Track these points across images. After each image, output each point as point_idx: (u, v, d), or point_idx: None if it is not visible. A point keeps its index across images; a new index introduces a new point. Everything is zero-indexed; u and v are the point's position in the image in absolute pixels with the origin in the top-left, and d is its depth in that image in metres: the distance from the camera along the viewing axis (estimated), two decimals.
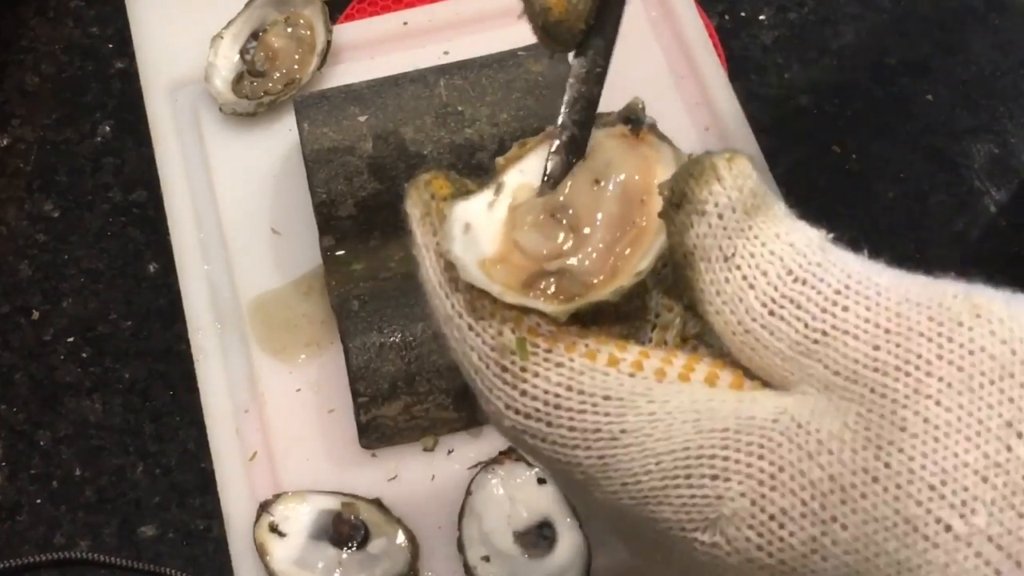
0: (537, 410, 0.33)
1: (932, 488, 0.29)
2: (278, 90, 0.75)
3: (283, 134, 0.74)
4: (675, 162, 0.36)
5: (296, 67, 0.76)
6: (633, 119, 0.38)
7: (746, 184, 0.33)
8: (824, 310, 0.32)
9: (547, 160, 0.37)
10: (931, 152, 0.78)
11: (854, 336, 0.31)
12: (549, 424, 0.33)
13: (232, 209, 0.73)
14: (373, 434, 0.65)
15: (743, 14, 0.83)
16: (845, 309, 0.32)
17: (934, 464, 0.29)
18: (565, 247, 0.36)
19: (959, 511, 0.29)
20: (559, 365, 0.33)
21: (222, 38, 0.76)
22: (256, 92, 0.75)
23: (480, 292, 0.35)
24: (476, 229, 0.36)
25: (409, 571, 0.61)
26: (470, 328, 0.34)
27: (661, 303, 0.36)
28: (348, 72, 0.76)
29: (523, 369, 0.33)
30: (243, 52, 0.76)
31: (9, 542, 0.65)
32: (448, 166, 0.68)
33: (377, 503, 0.63)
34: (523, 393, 0.33)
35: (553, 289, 0.35)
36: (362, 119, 0.68)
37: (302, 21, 0.77)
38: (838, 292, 0.32)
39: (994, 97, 0.80)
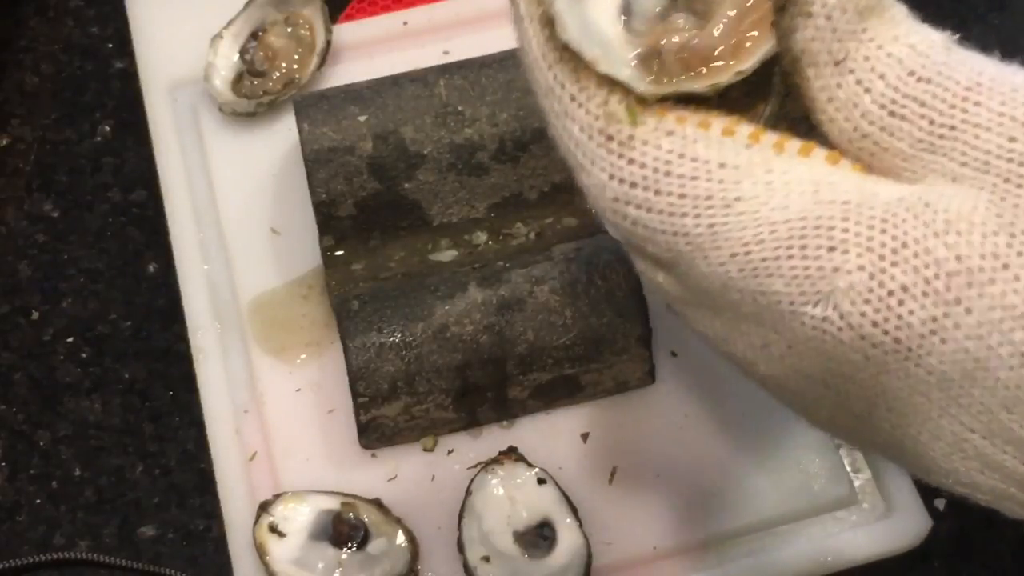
0: (645, 177, 0.31)
1: None
2: (278, 90, 0.75)
3: (283, 134, 0.74)
4: None
5: (296, 67, 0.76)
6: None
7: None
8: (953, 106, 0.31)
9: None
10: None
11: (986, 128, 0.30)
12: (657, 192, 0.31)
13: (232, 209, 0.73)
14: (373, 434, 0.65)
15: None
16: (977, 104, 0.30)
17: None
18: (683, 27, 0.34)
19: None
20: (670, 133, 0.31)
21: (222, 38, 0.76)
22: (256, 92, 0.75)
23: (585, 61, 0.32)
24: None
25: (409, 571, 0.61)
26: (572, 99, 0.32)
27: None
28: (348, 72, 0.76)
29: (631, 137, 0.31)
30: (243, 52, 0.76)
31: (8, 542, 0.65)
32: (448, 166, 0.68)
33: (377, 503, 0.63)
34: (630, 161, 0.31)
35: (657, 68, 0.33)
36: (362, 119, 0.68)
37: (302, 21, 0.77)
38: (968, 88, 0.31)
39: None
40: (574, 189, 0.74)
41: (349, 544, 0.62)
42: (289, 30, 0.77)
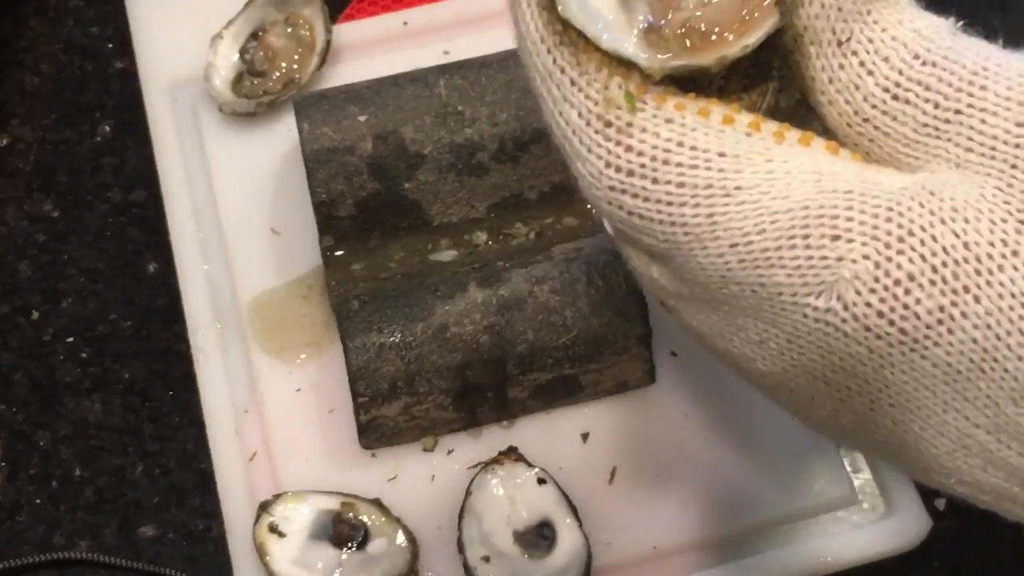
0: (643, 166, 0.31)
1: None
2: (278, 90, 0.75)
3: (283, 134, 0.74)
4: None
5: (296, 67, 0.76)
6: None
7: None
8: (959, 90, 0.30)
9: None
10: None
11: (993, 113, 0.30)
12: (655, 180, 0.30)
13: (232, 209, 0.73)
14: (373, 434, 0.65)
15: None
16: (983, 88, 0.30)
17: None
18: (689, 2, 0.33)
19: None
20: (669, 121, 0.31)
21: (222, 38, 0.76)
22: (256, 92, 0.75)
23: (587, 44, 0.32)
24: None
25: (409, 571, 0.61)
26: (572, 83, 0.32)
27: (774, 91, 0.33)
28: (348, 72, 0.76)
29: (629, 124, 0.31)
30: (243, 52, 0.76)
31: (8, 542, 0.65)
32: (448, 166, 0.68)
33: (377, 503, 0.63)
34: (628, 149, 0.31)
35: (665, 44, 0.32)
36: (362, 119, 0.68)
37: (302, 21, 0.77)
38: (975, 73, 0.30)
39: None
40: (574, 189, 0.74)
41: (349, 544, 0.62)
42: (289, 30, 0.77)
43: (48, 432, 0.69)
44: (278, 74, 0.76)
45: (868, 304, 0.29)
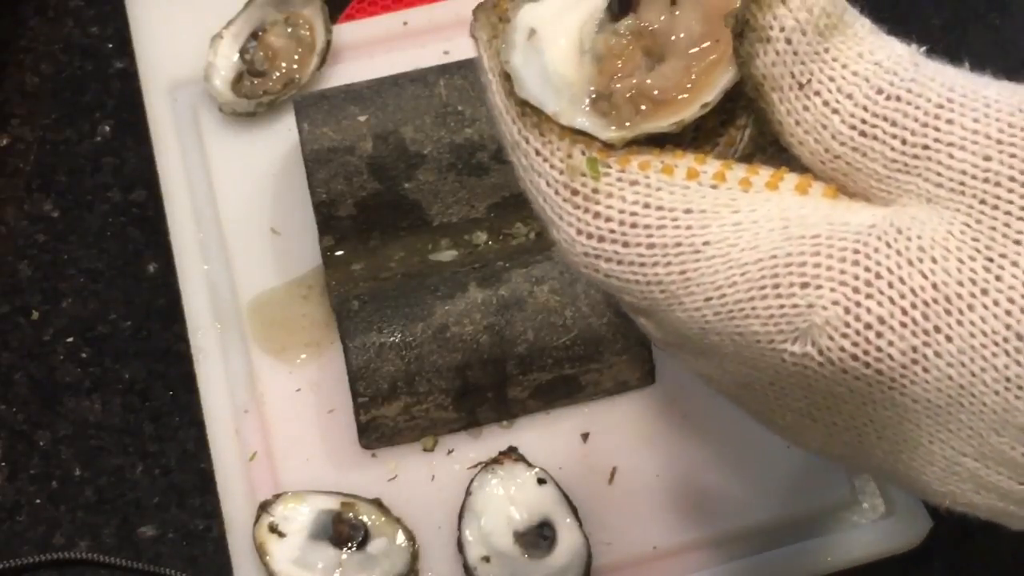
0: (612, 231, 0.31)
1: None
2: (278, 90, 0.75)
3: (283, 134, 0.74)
4: None
5: (296, 67, 0.76)
6: None
7: (816, 3, 0.31)
8: (925, 124, 0.30)
9: None
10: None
11: (960, 148, 0.29)
12: (626, 244, 0.31)
13: (232, 209, 0.73)
14: (373, 434, 0.65)
15: None
16: (949, 122, 0.30)
17: None
18: (639, 65, 0.33)
19: None
20: (634, 183, 0.31)
21: (222, 38, 0.76)
22: (256, 92, 0.75)
23: (547, 115, 0.32)
24: (542, 36, 0.34)
25: (409, 571, 0.61)
26: (537, 153, 0.32)
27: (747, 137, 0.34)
28: (348, 72, 0.76)
29: (595, 191, 0.31)
30: (243, 52, 0.76)
31: (8, 542, 0.65)
32: (448, 166, 0.68)
33: (377, 503, 0.63)
34: (596, 215, 0.31)
35: (617, 112, 0.33)
36: (362, 119, 0.68)
37: (302, 21, 0.77)
38: (940, 106, 0.30)
39: None
40: None
41: (349, 544, 0.62)
42: (289, 30, 0.77)
43: (48, 432, 0.69)
44: (278, 74, 0.76)
45: (842, 348, 0.29)
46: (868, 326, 0.29)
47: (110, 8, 0.82)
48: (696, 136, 0.33)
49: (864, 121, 0.30)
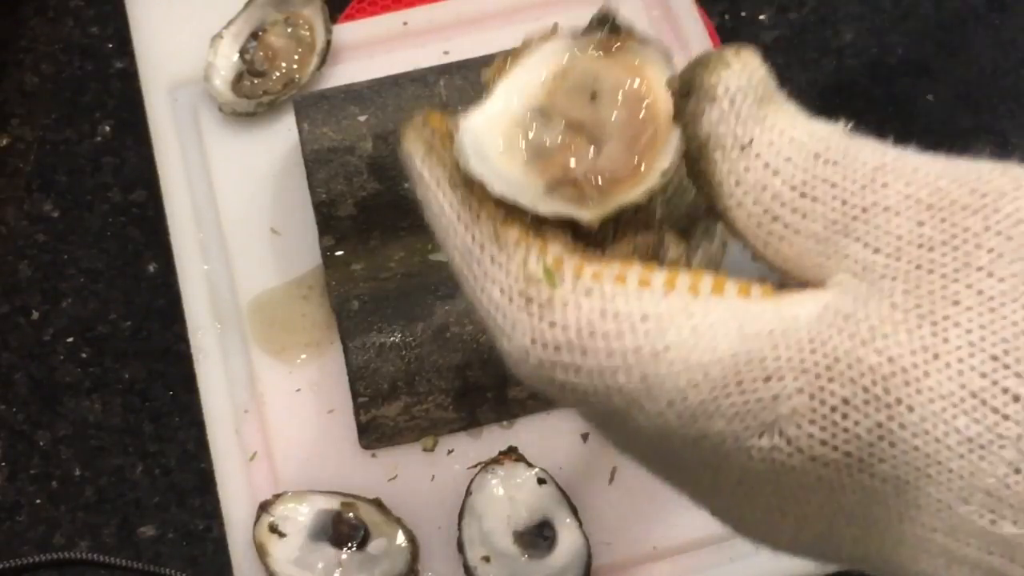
0: (570, 340, 0.31)
1: (995, 359, 0.29)
2: (278, 90, 0.75)
3: (283, 134, 0.74)
4: (665, 61, 0.35)
5: (296, 67, 0.76)
6: (611, 23, 0.36)
7: (756, 72, 0.32)
8: (863, 186, 0.31)
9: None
10: (931, 152, 0.78)
11: (896, 212, 0.30)
12: (584, 352, 0.31)
13: (232, 209, 0.73)
14: (373, 434, 0.65)
15: (743, 14, 0.83)
16: (885, 185, 0.31)
17: (993, 335, 0.29)
18: (583, 154, 0.34)
19: None
20: (589, 292, 0.31)
21: (222, 38, 0.76)
22: (256, 92, 0.75)
23: (505, 218, 0.33)
24: (484, 144, 0.35)
25: (409, 571, 0.61)
26: (492, 260, 0.32)
27: (671, 240, 0.34)
28: (348, 72, 0.76)
29: (550, 299, 0.31)
30: (243, 52, 0.76)
31: (9, 542, 0.65)
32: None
33: (377, 503, 0.63)
34: (552, 324, 0.31)
35: (582, 194, 0.33)
36: (362, 119, 0.68)
37: (302, 21, 0.77)
38: (876, 169, 0.31)
39: (994, 97, 0.80)
40: None
41: (349, 544, 0.62)
42: (289, 30, 0.77)
43: (48, 432, 0.69)
44: (278, 74, 0.76)
45: (810, 435, 0.30)
46: (834, 409, 0.29)
47: (110, 8, 0.82)
48: (616, 231, 0.34)
49: (805, 182, 0.31)
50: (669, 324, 0.30)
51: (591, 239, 0.33)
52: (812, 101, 0.81)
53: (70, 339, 0.71)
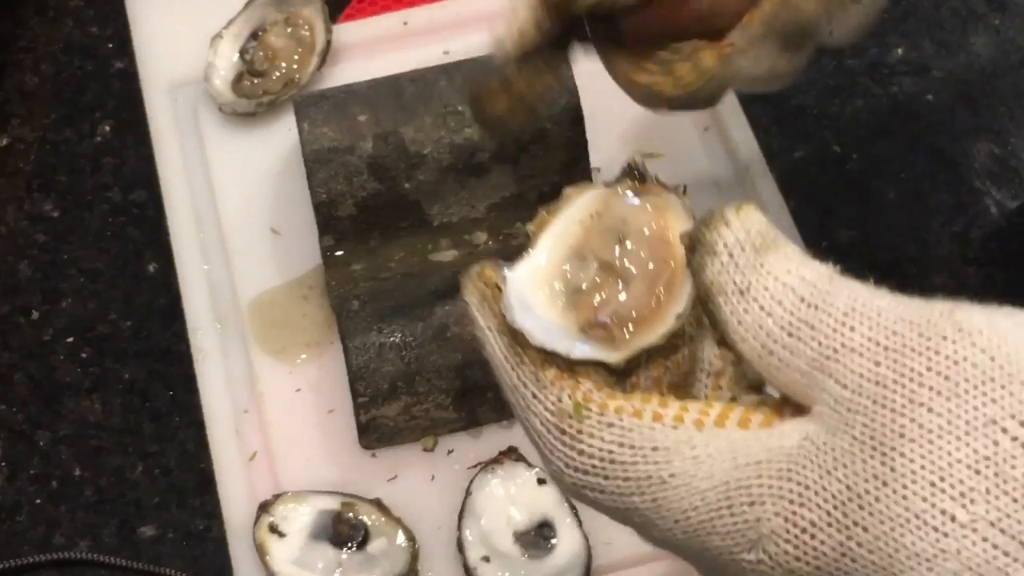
0: (594, 466, 0.37)
1: (933, 484, 0.33)
2: (278, 90, 0.75)
3: (283, 134, 0.74)
4: (682, 208, 0.41)
5: (296, 67, 0.76)
6: (638, 173, 0.42)
7: (753, 227, 0.38)
8: (835, 330, 0.36)
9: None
10: (931, 152, 0.78)
11: (859, 353, 0.35)
12: (606, 477, 0.37)
13: (232, 209, 0.73)
14: (373, 434, 0.65)
15: None
16: (852, 329, 0.35)
17: (931, 463, 0.33)
18: (612, 294, 0.41)
19: (960, 501, 0.33)
20: (610, 425, 0.37)
21: (222, 38, 0.76)
22: (256, 92, 0.75)
23: (543, 360, 0.39)
24: (527, 295, 0.41)
25: (409, 571, 0.61)
26: (534, 396, 0.39)
27: (712, 352, 0.41)
28: (348, 72, 0.76)
29: (579, 431, 0.38)
30: (243, 52, 0.76)
31: (8, 542, 0.65)
32: (448, 166, 0.68)
33: (377, 503, 0.63)
34: (580, 452, 0.38)
35: (611, 337, 0.40)
36: (362, 119, 0.68)
37: (302, 21, 0.77)
38: (846, 314, 0.36)
39: (994, 97, 0.80)
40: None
41: (349, 544, 0.62)
42: (289, 30, 0.77)
43: (48, 432, 0.69)
44: (278, 74, 0.76)
45: (786, 552, 0.35)
46: (804, 530, 0.35)
47: (110, 8, 0.82)
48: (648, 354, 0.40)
49: (791, 324, 0.36)
50: (675, 455, 0.37)
51: (621, 370, 0.39)
52: (812, 101, 0.82)
53: (70, 339, 0.71)
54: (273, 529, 0.62)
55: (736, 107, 0.77)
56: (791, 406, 0.37)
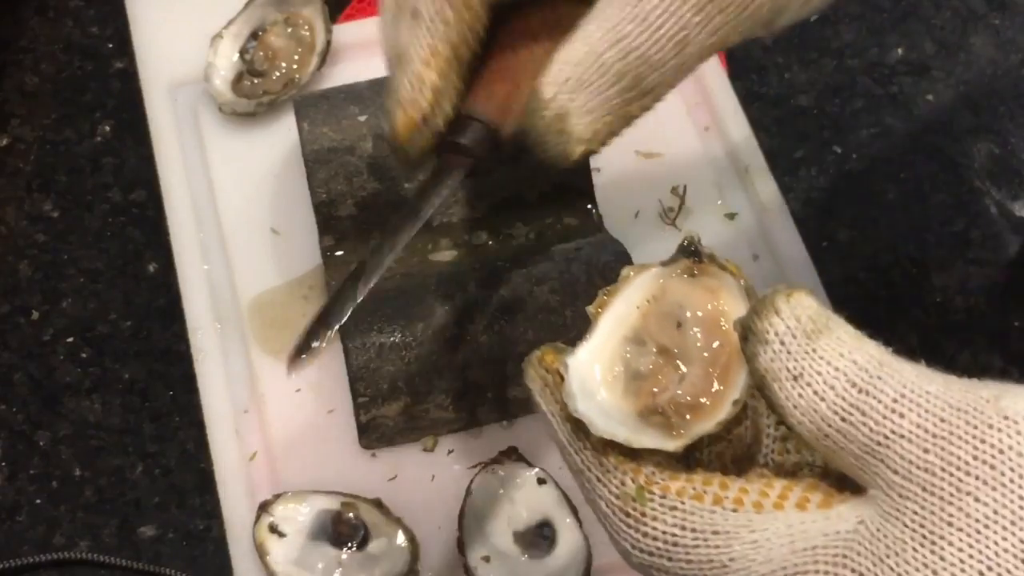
0: (658, 548, 0.39)
1: (981, 574, 0.34)
2: (278, 90, 0.75)
3: (283, 134, 0.74)
4: (736, 287, 0.42)
5: (296, 67, 0.76)
6: (694, 251, 0.43)
7: (804, 313, 0.38)
8: (885, 416, 0.36)
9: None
10: (931, 152, 0.78)
11: (909, 440, 0.36)
12: (669, 559, 0.39)
13: (232, 209, 0.73)
14: (373, 434, 0.65)
15: None
16: (901, 416, 0.36)
17: (979, 552, 0.34)
18: (670, 380, 0.42)
19: None
20: (673, 508, 0.39)
21: (222, 38, 0.76)
22: (256, 92, 0.75)
23: (606, 445, 0.40)
24: (588, 381, 0.42)
25: (409, 571, 0.61)
26: (598, 480, 0.40)
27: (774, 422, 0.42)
28: (348, 72, 0.76)
29: (643, 514, 0.39)
30: (243, 52, 0.76)
31: (8, 542, 0.65)
32: None
33: (377, 503, 0.63)
34: (644, 535, 0.39)
35: (669, 423, 0.41)
36: (362, 119, 0.68)
37: (302, 21, 0.77)
38: (896, 400, 0.36)
39: (994, 97, 0.80)
40: (573, 189, 0.74)
41: (349, 544, 0.62)
42: (289, 30, 0.77)
43: (48, 432, 0.69)
44: (278, 74, 0.76)
45: None
46: None
47: (110, 8, 0.82)
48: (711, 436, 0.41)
49: (843, 409, 0.37)
50: (734, 539, 0.38)
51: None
52: (812, 101, 0.82)
53: (70, 339, 0.71)
54: (273, 529, 0.62)
55: (736, 107, 0.77)
56: (851, 479, 0.38)
